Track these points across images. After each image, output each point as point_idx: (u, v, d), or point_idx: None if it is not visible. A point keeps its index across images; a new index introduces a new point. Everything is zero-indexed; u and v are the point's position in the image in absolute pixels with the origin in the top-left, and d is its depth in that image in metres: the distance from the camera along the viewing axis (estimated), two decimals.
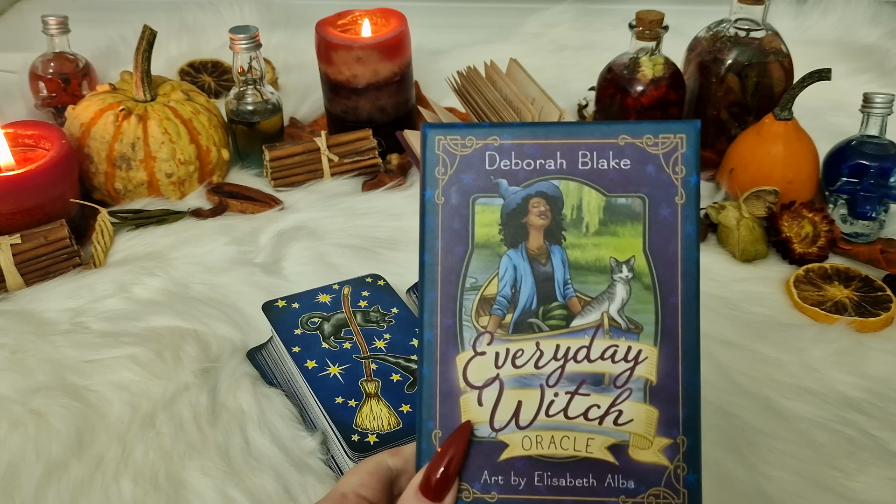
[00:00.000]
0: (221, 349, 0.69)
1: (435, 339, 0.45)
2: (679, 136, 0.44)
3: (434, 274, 0.45)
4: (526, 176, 0.45)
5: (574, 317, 0.45)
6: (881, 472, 0.59)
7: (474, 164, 0.45)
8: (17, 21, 1.38)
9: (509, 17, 1.33)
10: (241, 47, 0.90)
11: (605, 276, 0.45)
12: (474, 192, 0.45)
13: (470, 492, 0.44)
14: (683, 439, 0.45)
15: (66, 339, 0.69)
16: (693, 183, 0.44)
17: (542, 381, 0.44)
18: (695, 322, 0.46)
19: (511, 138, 0.45)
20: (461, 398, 0.45)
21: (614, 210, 0.45)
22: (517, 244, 0.45)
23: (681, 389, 0.45)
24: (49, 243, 0.77)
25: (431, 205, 0.45)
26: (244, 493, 0.57)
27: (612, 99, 0.91)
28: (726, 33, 0.90)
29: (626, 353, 0.45)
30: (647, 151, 0.45)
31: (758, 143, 0.85)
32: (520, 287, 0.45)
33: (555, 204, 0.45)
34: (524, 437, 0.44)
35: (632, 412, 0.45)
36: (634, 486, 0.44)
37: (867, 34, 1.25)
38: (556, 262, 0.45)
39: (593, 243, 0.45)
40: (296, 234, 0.84)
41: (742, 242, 0.81)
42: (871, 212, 0.82)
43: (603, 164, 0.45)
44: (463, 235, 0.45)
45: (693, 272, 0.45)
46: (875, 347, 0.70)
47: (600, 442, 0.44)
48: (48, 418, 0.62)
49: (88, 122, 0.87)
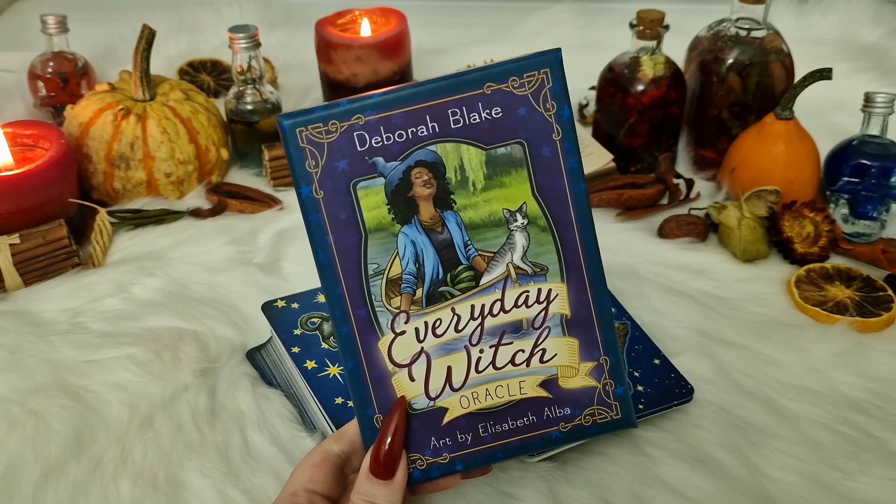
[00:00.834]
0: (220, 349, 0.69)
1: (352, 331, 0.45)
2: (544, 72, 0.44)
3: (333, 270, 0.45)
4: (401, 148, 0.44)
5: (482, 275, 0.46)
6: (883, 473, 0.59)
7: (345, 149, 0.44)
8: (16, 20, 1.38)
9: (509, 16, 1.33)
10: (240, 46, 0.90)
11: (502, 229, 0.45)
12: (352, 177, 0.44)
13: (423, 459, 0.46)
14: (606, 359, 0.47)
15: (65, 340, 0.69)
16: (567, 116, 0.44)
17: (466, 343, 0.46)
18: (594, 249, 0.46)
19: (376, 112, 0.44)
20: (392, 379, 0.46)
21: (496, 161, 0.45)
22: (409, 219, 0.45)
23: (594, 315, 0.47)
24: (48, 243, 0.77)
25: (311, 201, 0.44)
26: (243, 493, 0.57)
27: (612, 98, 0.91)
28: (727, 32, 0.90)
29: (537, 295, 0.46)
30: (515, 95, 0.44)
31: (759, 142, 0.85)
32: (423, 260, 0.45)
33: (437, 170, 0.44)
34: (461, 397, 0.46)
35: (554, 347, 0.47)
36: (570, 412, 0.47)
37: (868, 33, 1.25)
38: (453, 227, 0.45)
39: (483, 199, 0.45)
40: (295, 233, 0.84)
41: (743, 242, 0.80)
42: (873, 211, 0.82)
43: (475, 117, 0.44)
44: (352, 224, 0.44)
45: (583, 203, 0.45)
46: (876, 348, 0.70)
47: (532, 381, 0.47)
48: (47, 419, 0.62)
49: (87, 122, 0.87)
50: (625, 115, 0.90)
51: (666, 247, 0.82)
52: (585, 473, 0.58)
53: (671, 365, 0.64)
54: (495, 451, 0.47)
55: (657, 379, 0.63)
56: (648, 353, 0.65)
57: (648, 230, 0.85)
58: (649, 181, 0.89)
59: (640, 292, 0.75)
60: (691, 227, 0.84)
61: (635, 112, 0.89)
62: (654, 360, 0.64)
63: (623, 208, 0.88)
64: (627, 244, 0.83)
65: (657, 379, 0.63)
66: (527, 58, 0.44)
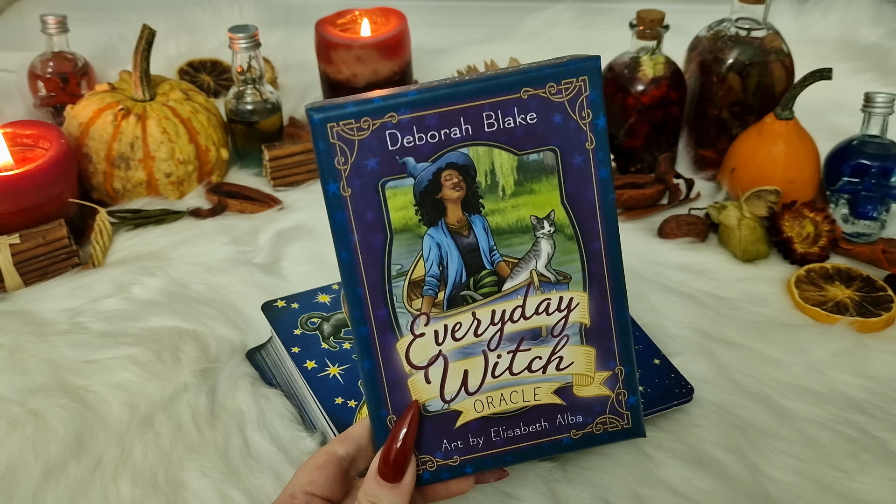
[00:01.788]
0: (220, 349, 0.69)
1: (371, 332, 0.45)
2: (581, 79, 0.43)
3: (356, 269, 0.44)
4: (432, 149, 0.43)
5: (505, 280, 0.45)
6: (883, 473, 0.59)
7: (375, 147, 0.43)
8: (16, 20, 1.38)
9: (509, 16, 1.33)
10: (240, 46, 0.90)
11: (529, 236, 0.45)
12: (381, 176, 0.43)
13: (434, 461, 0.46)
14: (621, 369, 0.47)
15: (65, 340, 0.69)
16: (601, 126, 0.44)
17: (484, 347, 0.46)
18: (618, 261, 0.46)
19: (409, 112, 0.43)
20: (408, 381, 0.45)
21: (527, 168, 0.44)
22: (436, 221, 0.44)
23: (613, 325, 0.46)
24: (48, 243, 0.77)
25: (338, 199, 0.43)
26: (243, 493, 0.57)
27: (612, 98, 0.91)
28: (727, 32, 0.90)
29: (558, 303, 0.46)
30: (551, 101, 0.43)
31: (759, 142, 0.85)
32: (447, 263, 0.45)
33: (467, 173, 0.44)
34: (475, 401, 0.46)
35: (571, 356, 0.46)
36: (582, 419, 0.47)
37: (868, 33, 1.25)
38: (479, 232, 0.45)
39: (512, 205, 0.44)
40: (295, 233, 0.84)
41: (743, 242, 0.80)
42: (873, 211, 0.82)
43: (509, 122, 0.43)
44: (378, 224, 0.44)
45: (611, 214, 0.45)
46: (876, 348, 0.70)
47: (546, 388, 0.46)
48: (46, 419, 0.62)
49: (87, 122, 0.87)
50: (625, 115, 0.90)
51: (666, 247, 0.82)
52: (585, 473, 0.58)
53: (671, 365, 0.64)
54: (506, 454, 0.47)
55: (657, 379, 0.63)
56: (648, 353, 0.65)
57: (648, 230, 0.85)
58: (649, 181, 0.89)
59: (640, 292, 0.75)
60: (691, 227, 0.84)
61: (635, 112, 0.89)
62: (654, 360, 0.64)
63: (623, 208, 0.88)
64: (627, 244, 0.82)
65: (657, 379, 0.63)
66: (566, 63, 0.43)
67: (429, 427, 0.46)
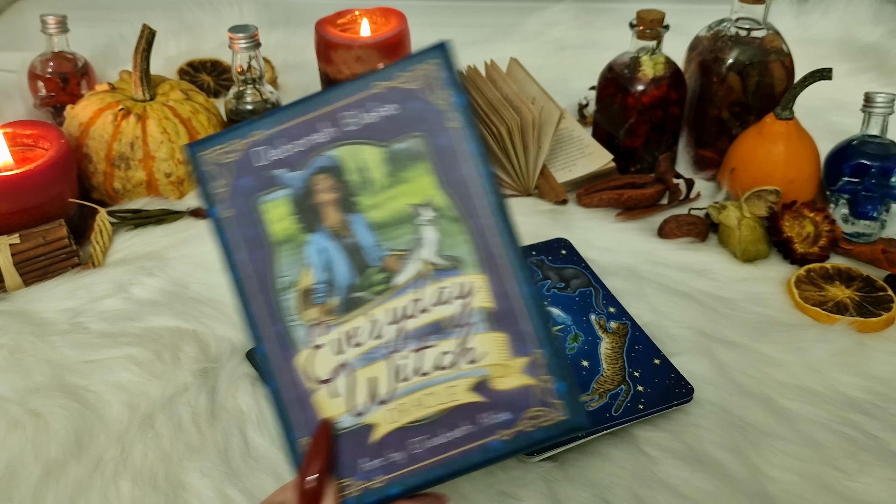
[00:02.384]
0: (220, 349, 0.69)
1: (270, 350, 0.43)
2: (432, 63, 0.44)
3: (247, 287, 0.44)
4: (300, 158, 0.44)
5: (395, 275, 0.44)
6: (883, 473, 0.59)
7: (247, 166, 0.44)
8: (16, 20, 1.38)
9: (509, 16, 1.33)
10: (240, 46, 0.90)
11: (410, 225, 0.44)
12: (255, 192, 0.44)
13: (354, 485, 0.42)
14: (539, 352, 0.43)
15: (65, 340, 0.69)
16: (461, 102, 0.44)
17: (388, 350, 0.43)
18: (510, 234, 0.43)
19: (272, 127, 0.45)
20: (312, 398, 0.43)
21: (397, 158, 0.44)
22: (315, 227, 0.44)
23: (520, 304, 0.43)
24: (48, 243, 0.77)
25: (220, 222, 0.44)
26: (243, 493, 0.57)
27: (612, 98, 0.91)
28: (727, 32, 0.90)
29: (458, 290, 0.43)
30: (406, 90, 0.44)
31: (759, 142, 0.85)
32: (333, 267, 0.44)
33: (337, 174, 0.44)
34: (388, 410, 0.43)
35: (482, 345, 0.43)
36: (509, 417, 0.42)
37: (868, 33, 1.25)
38: (361, 230, 0.44)
39: (388, 197, 0.44)
40: None
41: (743, 242, 0.80)
42: (873, 211, 0.82)
43: (369, 117, 0.44)
44: (260, 239, 0.44)
45: (490, 187, 0.43)
46: (876, 348, 0.70)
47: (463, 385, 0.43)
48: (47, 419, 0.62)
49: (87, 122, 0.87)
50: (625, 115, 0.90)
51: (666, 247, 0.82)
52: (585, 473, 0.58)
53: (671, 365, 0.64)
54: (432, 468, 0.42)
55: (657, 379, 0.63)
56: (648, 353, 0.65)
57: (648, 230, 0.85)
58: (649, 181, 0.89)
59: (640, 292, 0.75)
60: (691, 227, 0.84)
61: (635, 112, 0.89)
62: (654, 360, 0.64)
63: (623, 208, 0.88)
64: (627, 244, 0.83)
65: (657, 379, 0.63)
66: (413, 54, 0.44)
67: (343, 446, 0.42)
